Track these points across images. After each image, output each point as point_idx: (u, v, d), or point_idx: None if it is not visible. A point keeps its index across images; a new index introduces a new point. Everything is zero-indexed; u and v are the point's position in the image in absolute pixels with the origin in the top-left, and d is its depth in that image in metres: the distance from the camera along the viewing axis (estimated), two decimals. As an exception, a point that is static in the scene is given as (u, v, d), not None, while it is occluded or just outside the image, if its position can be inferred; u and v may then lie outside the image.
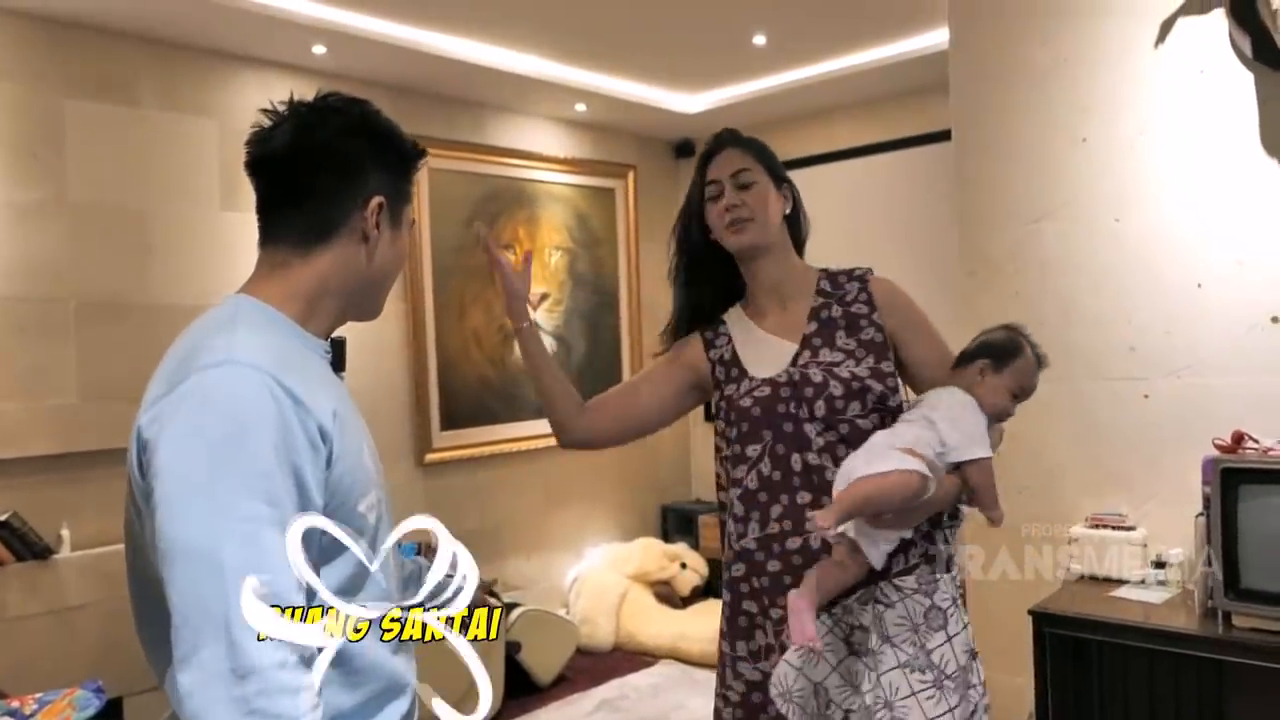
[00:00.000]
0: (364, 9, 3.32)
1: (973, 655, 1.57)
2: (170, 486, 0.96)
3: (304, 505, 0.99)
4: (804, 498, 1.57)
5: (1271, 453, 1.70)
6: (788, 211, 1.74)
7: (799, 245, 1.79)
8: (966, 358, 1.63)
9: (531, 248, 4.44)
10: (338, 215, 1.15)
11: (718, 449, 1.74)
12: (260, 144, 1.15)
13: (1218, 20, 1.96)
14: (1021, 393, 1.61)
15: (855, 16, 3.53)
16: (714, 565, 4.66)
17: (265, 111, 1.16)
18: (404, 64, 3.64)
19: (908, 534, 1.53)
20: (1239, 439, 1.73)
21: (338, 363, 1.26)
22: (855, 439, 1.57)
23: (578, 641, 4.06)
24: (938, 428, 1.53)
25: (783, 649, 1.55)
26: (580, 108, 4.45)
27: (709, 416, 5.16)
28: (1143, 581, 1.98)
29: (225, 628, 0.92)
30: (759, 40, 3.77)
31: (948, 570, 1.60)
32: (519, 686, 3.69)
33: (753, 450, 1.62)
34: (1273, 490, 1.63)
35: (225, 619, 0.92)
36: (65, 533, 3.05)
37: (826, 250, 1.86)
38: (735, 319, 1.75)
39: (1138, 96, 2.08)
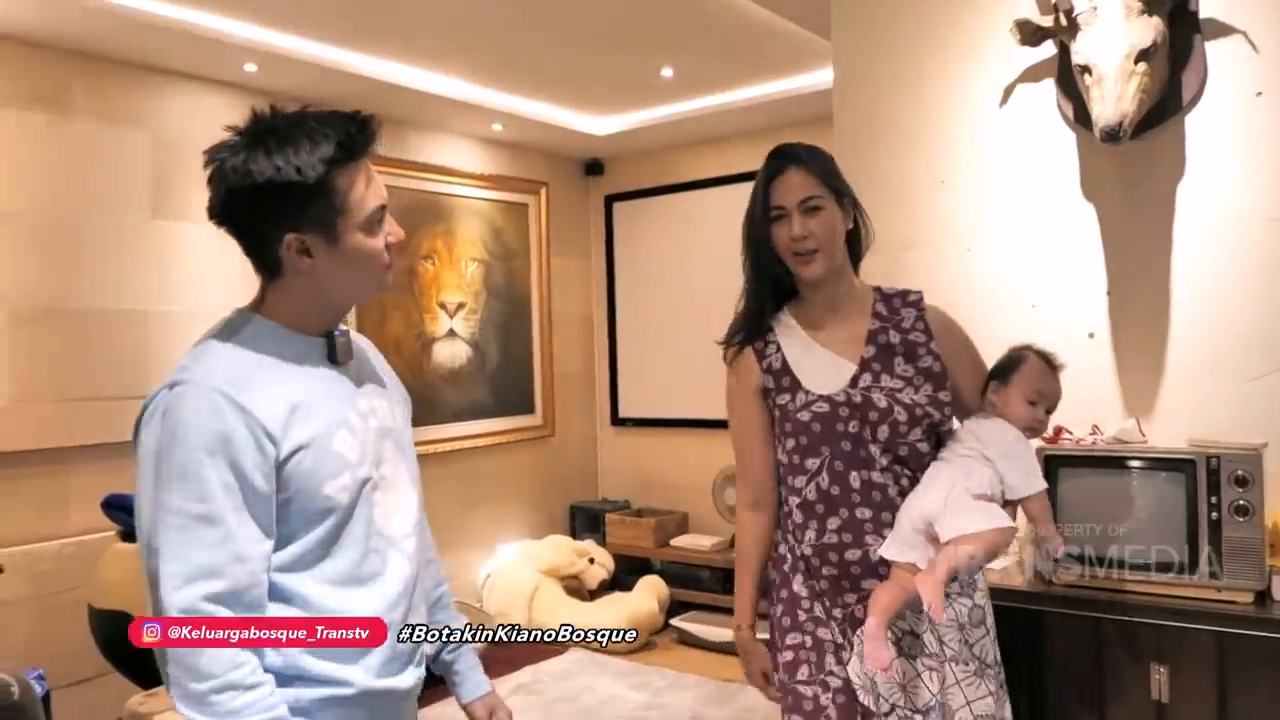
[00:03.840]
0: (295, 30, 3.45)
1: (995, 642, 1.70)
2: (138, 483, 1.22)
3: (246, 493, 1.18)
4: (864, 513, 1.64)
5: (1082, 442, 2.09)
6: (849, 227, 1.74)
7: (856, 259, 1.79)
8: (982, 390, 1.76)
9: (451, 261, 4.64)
10: (270, 258, 1.27)
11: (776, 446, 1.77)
12: None
13: (1048, 88, 2.35)
14: (1040, 397, 1.71)
15: (753, 56, 3.87)
16: (620, 560, 4.93)
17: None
18: (331, 83, 3.78)
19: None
20: (1059, 432, 2.11)
21: (335, 354, 1.33)
22: (913, 460, 1.66)
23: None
24: (995, 466, 1.63)
25: (847, 646, 1.65)
26: (497, 127, 4.66)
27: (615, 421, 5.46)
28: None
29: (159, 597, 1.18)
30: (666, 73, 4.08)
31: (980, 571, 1.71)
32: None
33: (811, 463, 1.67)
34: (1082, 472, 2.01)
35: (159, 590, 1.17)
36: (-6, 530, 3.10)
37: (726, 267, 2.06)
38: (786, 326, 1.76)
39: (986, 147, 2.45)
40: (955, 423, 1.75)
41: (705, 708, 3.68)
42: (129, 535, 3.02)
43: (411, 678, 1.36)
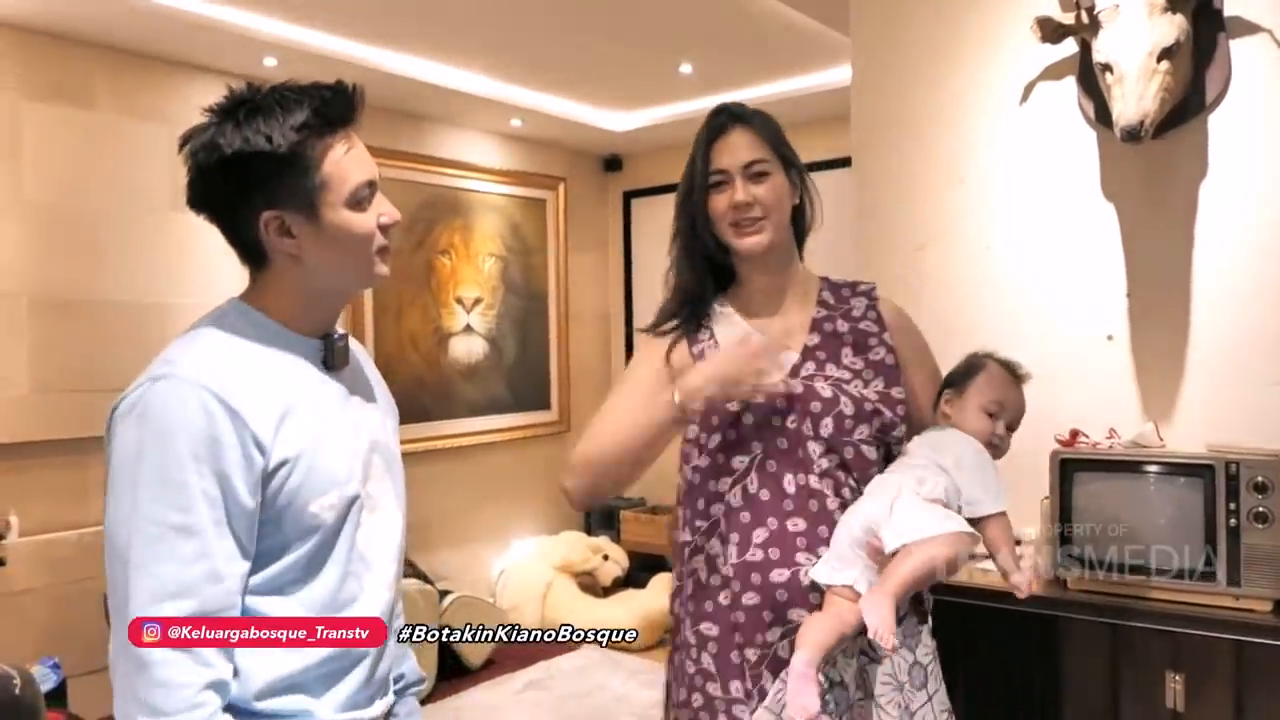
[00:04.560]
0: (315, 25, 3.48)
1: (950, 714, 1.45)
2: (109, 484, 1.09)
3: (230, 506, 1.07)
4: (796, 524, 1.39)
5: (1099, 446, 2.06)
6: (795, 203, 1.52)
7: (800, 241, 1.58)
8: (935, 400, 1.56)
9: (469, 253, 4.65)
10: (251, 242, 1.17)
11: (685, 456, 1.52)
12: None
13: (1069, 86, 2.31)
14: (999, 408, 1.51)
15: (772, 52, 3.85)
16: (634, 557, 4.93)
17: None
18: (351, 78, 3.67)
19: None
20: (1074, 435, 2.08)
21: (332, 359, 1.23)
22: (857, 466, 1.42)
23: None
24: (953, 476, 1.41)
25: (761, 694, 1.38)
26: (515, 122, 4.66)
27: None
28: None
29: (125, 615, 1.05)
30: (685, 69, 4.07)
31: (926, 622, 1.48)
32: (450, 669, 3.86)
33: (739, 462, 1.43)
34: (1098, 476, 1.97)
35: (127, 607, 1.05)
36: (13, 520, 3.12)
37: None
38: (722, 315, 1.55)
39: (1005, 145, 2.42)
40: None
41: (717, 706, 3.66)
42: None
43: (379, 709, 1.27)
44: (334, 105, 1.15)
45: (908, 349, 1.54)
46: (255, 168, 1.12)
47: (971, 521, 1.40)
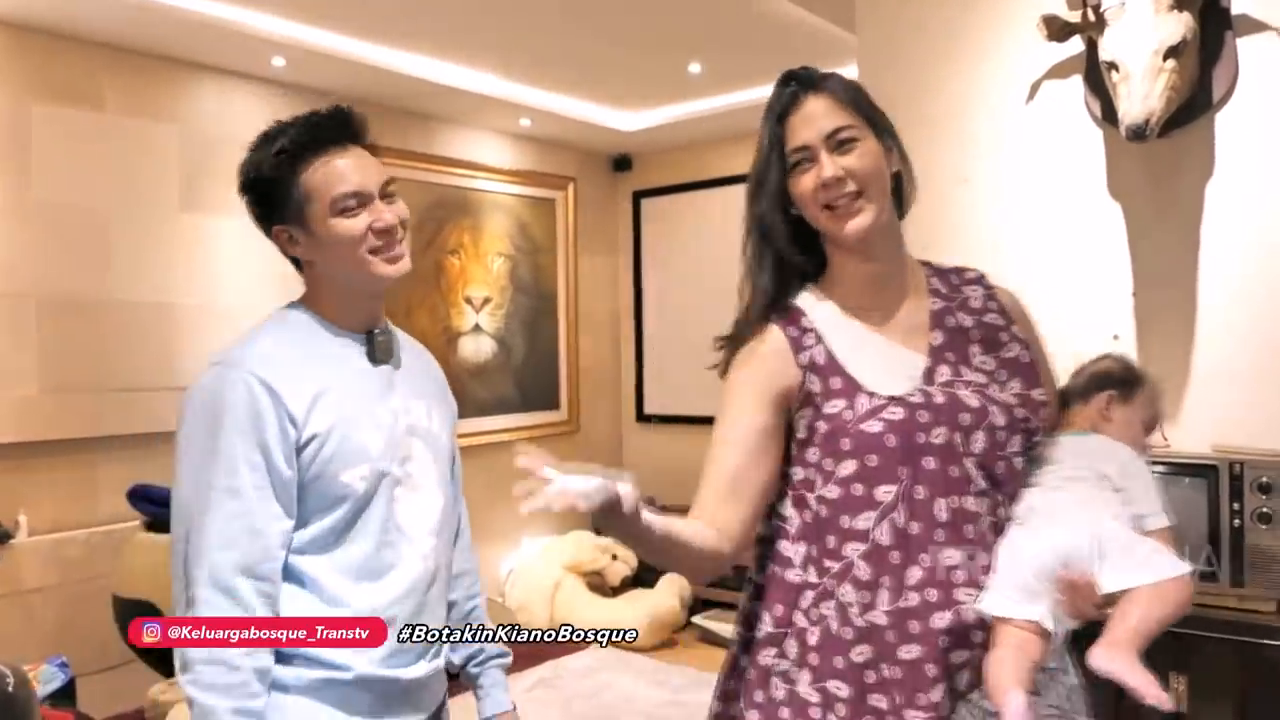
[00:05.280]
0: (323, 24, 3.49)
1: None
2: (176, 456, 1.28)
3: (271, 473, 1.25)
4: (951, 557, 1.17)
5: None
6: (894, 170, 1.28)
7: (900, 219, 1.32)
8: (1080, 393, 1.37)
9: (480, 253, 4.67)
10: (283, 252, 1.39)
11: (805, 483, 1.25)
12: None
13: (1076, 84, 2.30)
14: (1153, 423, 1.40)
15: (780, 51, 3.84)
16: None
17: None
18: (359, 78, 3.81)
19: None
20: (1080, 435, 2.08)
21: (373, 352, 1.39)
22: (1009, 483, 1.22)
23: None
24: (1120, 487, 1.24)
25: None
26: (525, 122, 4.67)
27: (641, 418, 5.47)
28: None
29: (179, 568, 1.25)
30: (694, 68, 4.07)
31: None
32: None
33: (884, 493, 1.18)
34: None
35: (183, 559, 1.24)
36: (22, 519, 3.14)
37: None
38: (822, 311, 1.29)
39: (1011, 144, 2.41)
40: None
41: (724, 707, 3.66)
42: (154, 525, 3.07)
43: (423, 669, 1.38)
44: (321, 129, 1.33)
45: (1034, 342, 1.32)
46: (258, 191, 1.34)
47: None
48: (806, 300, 1.31)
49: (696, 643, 4.47)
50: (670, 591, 4.57)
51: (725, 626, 4.39)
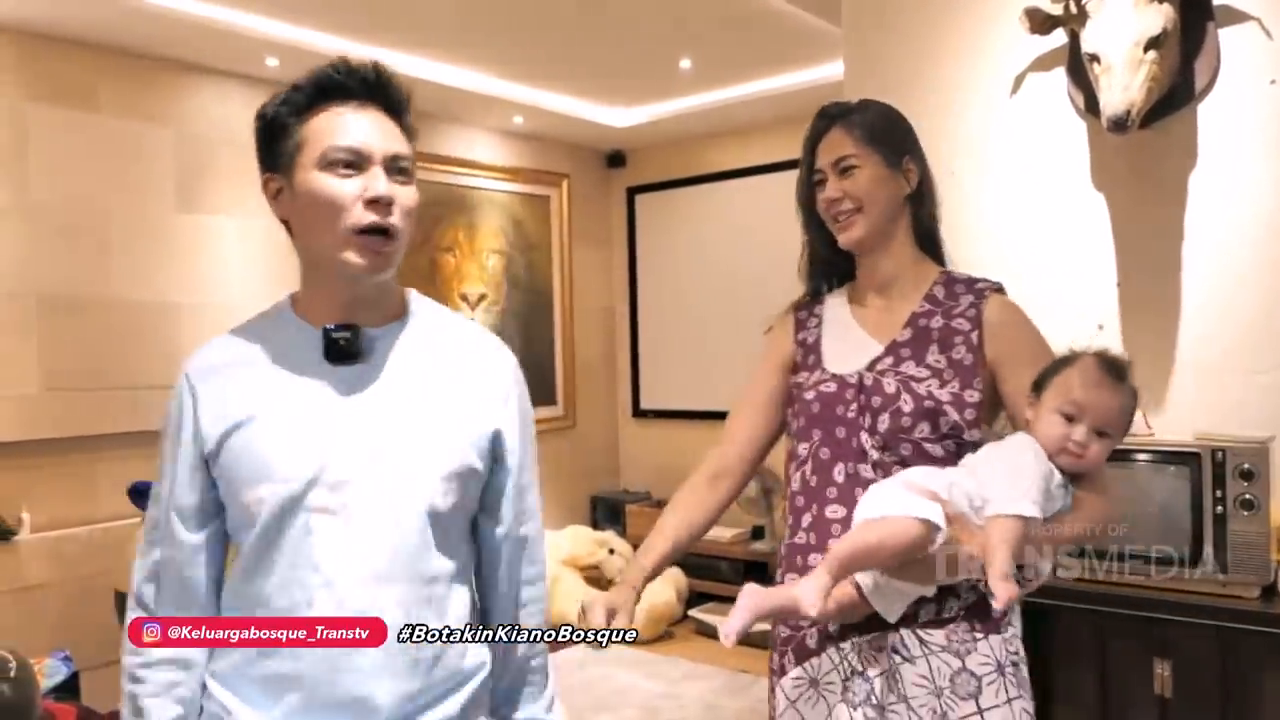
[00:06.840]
0: (316, 25, 3.50)
1: None
2: None
3: (191, 476, 1.18)
4: (835, 512, 1.42)
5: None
6: (910, 190, 1.52)
7: (923, 230, 1.55)
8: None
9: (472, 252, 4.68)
10: (273, 209, 1.22)
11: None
12: None
13: (1059, 77, 2.32)
14: (1077, 410, 1.30)
15: (770, 46, 3.86)
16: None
17: None
18: None
19: (928, 592, 1.32)
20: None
21: (332, 352, 1.17)
22: (915, 462, 1.39)
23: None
24: (978, 474, 1.30)
25: (782, 671, 1.47)
26: (517, 119, 4.69)
27: (637, 413, 5.49)
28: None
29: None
30: (685, 64, 4.08)
31: (999, 632, 1.36)
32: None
33: (803, 449, 1.49)
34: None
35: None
36: (25, 516, 3.18)
37: (747, 258, 2.08)
38: (834, 302, 1.59)
39: (996, 137, 2.43)
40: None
41: (720, 698, 3.69)
42: (153, 522, 3.09)
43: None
44: (345, 77, 1.17)
45: (1006, 349, 1.43)
46: (262, 138, 1.20)
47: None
48: (833, 295, 1.61)
49: (692, 635, 4.50)
50: (666, 585, 4.59)
51: (720, 620, 4.41)
